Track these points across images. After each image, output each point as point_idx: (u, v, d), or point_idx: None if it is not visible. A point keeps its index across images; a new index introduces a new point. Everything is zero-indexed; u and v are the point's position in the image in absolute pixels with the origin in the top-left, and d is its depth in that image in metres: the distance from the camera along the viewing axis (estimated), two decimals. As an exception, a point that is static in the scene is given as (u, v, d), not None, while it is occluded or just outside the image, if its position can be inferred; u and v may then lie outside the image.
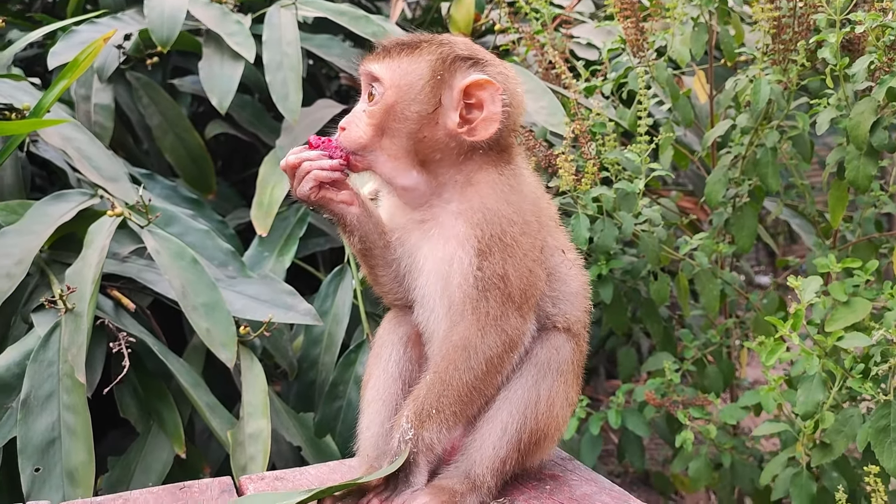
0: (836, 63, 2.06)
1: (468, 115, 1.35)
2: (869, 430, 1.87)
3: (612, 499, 1.41)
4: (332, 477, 1.55)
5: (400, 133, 1.36)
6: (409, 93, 1.35)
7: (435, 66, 1.35)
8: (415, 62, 1.36)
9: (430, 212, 1.39)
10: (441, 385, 1.33)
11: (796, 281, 1.95)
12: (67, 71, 2.28)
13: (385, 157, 1.38)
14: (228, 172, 3.58)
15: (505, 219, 1.34)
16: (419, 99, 1.35)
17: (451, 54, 1.36)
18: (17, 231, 2.08)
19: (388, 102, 1.36)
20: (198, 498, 1.48)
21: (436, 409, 1.33)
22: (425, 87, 1.35)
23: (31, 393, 1.85)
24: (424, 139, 1.36)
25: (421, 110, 1.35)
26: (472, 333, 1.33)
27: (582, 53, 3.25)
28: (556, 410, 1.41)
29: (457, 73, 1.35)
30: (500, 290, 1.33)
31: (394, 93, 1.36)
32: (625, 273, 2.65)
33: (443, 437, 1.35)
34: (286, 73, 2.60)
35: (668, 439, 2.81)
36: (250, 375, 2.08)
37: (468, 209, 1.34)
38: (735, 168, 2.47)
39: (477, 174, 1.37)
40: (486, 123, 1.34)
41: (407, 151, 1.37)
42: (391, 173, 1.39)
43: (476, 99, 1.34)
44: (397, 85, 1.36)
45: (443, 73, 1.35)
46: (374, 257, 1.48)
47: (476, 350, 1.33)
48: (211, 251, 2.28)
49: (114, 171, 2.41)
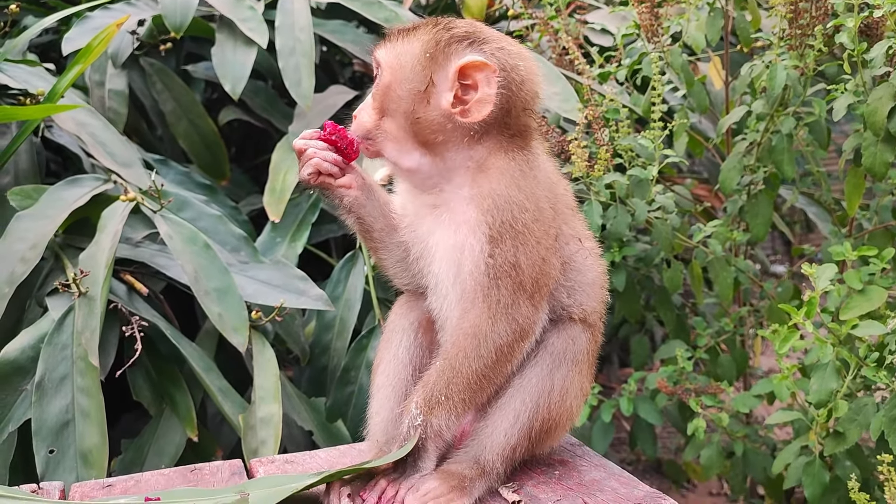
0: (854, 48, 2.03)
1: (464, 96, 1.35)
2: (883, 418, 1.86)
3: (621, 484, 1.41)
4: (342, 461, 1.55)
5: (397, 114, 1.37)
6: (401, 72, 1.37)
7: (427, 45, 1.36)
8: (409, 43, 1.38)
9: (442, 197, 1.39)
10: (451, 372, 1.33)
11: (811, 268, 1.93)
12: (81, 56, 2.29)
13: (388, 139, 1.39)
14: (241, 159, 3.59)
15: (516, 205, 1.33)
16: (410, 77, 1.36)
17: (446, 35, 1.36)
18: (31, 215, 2.10)
19: (385, 82, 1.38)
20: (209, 480, 1.49)
21: (445, 395, 1.33)
22: (416, 66, 1.36)
23: (45, 375, 1.87)
24: (419, 120, 1.36)
25: (412, 88, 1.36)
26: (482, 321, 1.33)
27: (596, 39, 3.23)
28: (569, 400, 1.41)
29: (452, 53, 1.35)
30: (511, 278, 1.32)
31: (389, 73, 1.38)
32: (638, 260, 2.64)
33: (451, 423, 1.35)
34: (299, 58, 2.60)
35: (680, 427, 2.81)
36: (262, 360, 2.09)
37: (478, 195, 1.34)
38: (750, 155, 2.45)
39: (489, 159, 1.36)
40: (480, 105, 1.33)
41: (406, 132, 1.37)
42: (395, 156, 1.40)
43: (472, 80, 1.34)
44: (391, 65, 1.38)
45: (434, 53, 1.35)
46: (373, 240, 1.50)
47: (486, 338, 1.33)
48: (223, 236, 2.29)
49: (127, 156, 2.41)
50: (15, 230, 2.06)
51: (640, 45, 2.74)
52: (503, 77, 1.34)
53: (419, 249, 1.43)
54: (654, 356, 2.74)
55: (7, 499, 1.31)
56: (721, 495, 3.72)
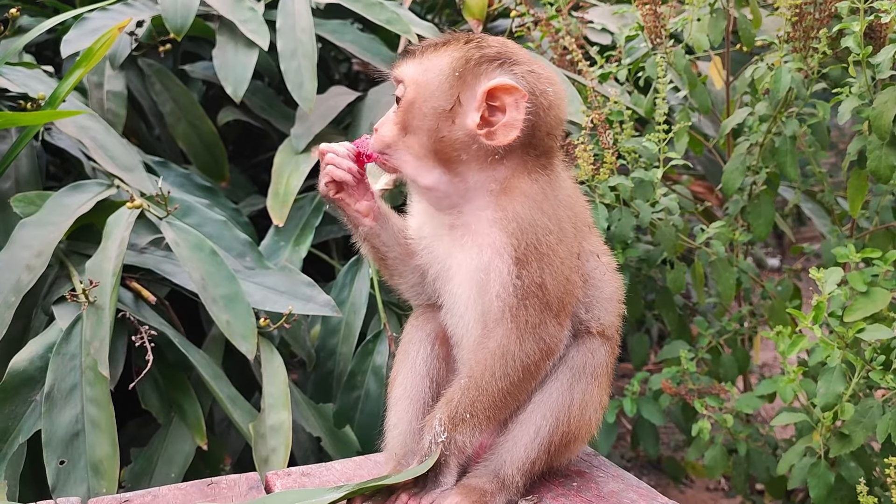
0: (860, 52, 2.04)
1: (490, 118, 1.33)
2: (890, 421, 1.87)
3: (640, 496, 1.42)
4: (358, 473, 1.56)
5: (420, 130, 1.36)
6: (427, 88, 1.35)
7: (456, 63, 1.34)
8: (437, 59, 1.36)
9: (462, 218, 1.38)
10: (476, 390, 1.34)
11: (818, 273, 1.94)
12: (83, 60, 2.27)
13: (408, 155, 1.38)
14: (238, 158, 3.57)
15: (541, 228, 1.32)
16: (436, 95, 1.34)
17: (477, 54, 1.34)
18: (36, 223, 2.08)
19: (409, 99, 1.36)
20: (226, 494, 1.49)
21: (470, 413, 1.33)
22: (443, 83, 1.34)
23: (54, 386, 1.86)
24: (444, 138, 1.34)
25: (437, 107, 1.34)
26: (510, 341, 1.33)
27: (595, 38, 3.22)
28: (588, 414, 1.41)
29: (482, 74, 1.33)
30: (538, 298, 1.32)
31: (413, 89, 1.36)
32: (640, 261, 2.64)
33: (475, 440, 1.36)
34: (301, 60, 2.58)
35: (681, 426, 2.82)
36: (270, 368, 2.08)
37: (503, 218, 1.33)
38: (751, 156, 2.46)
39: (511, 181, 1.35)
40: (507, 129, 1.32)
41: (428, 150, 1.36)
42: (414, 172, 1.38)
43: (500, 102, 1.32)
44: (416, 81, 1.36)
45: (463, 72, 1.33)
46: (388, 267, 1.51)
47: (514, 357, 1.33)
48: (228, 242, 2.28)
49: (129, 160, 2.40)
50: (20, 238, 2.05)
51: (641, 45, 2.74)
52: (532, 102, 1.33)
53: (437, 270, 1.43)
54: (658, 357, 2.74)
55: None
56: (718, 490, 3.74)
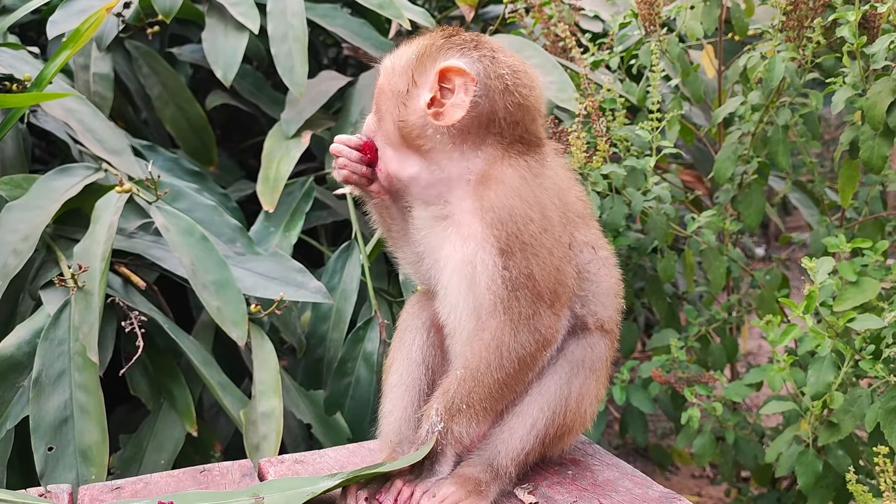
0: (855, 42, 2.04)
1: (442, 99, 1.34)
2: (879, 410, 1.88)
3: (635, 484, 1.42)
4: (351, 460, 1.55)
5: (387, 115, 1.40)
6: (392, 74, 1.40)
7: (419, 49, 1.38)
8: (406, 48, 1.41)
9: (447, 208, 1.37)
10: (472, 382, 1.33)
11: (810, 262, 1.95)
12: (70, 41, 2.23)
13: (386, 145, 1.42)
14: (226, 142, 3.53)
15: (520, 217, 1.31)
16: (396, 79, 1.38)
17: (440, 41, 1.38)
18: (22, 206, 2.05)
19: (379, 85, 1.42)
20: (219, 481, 1.48)
21: (466, 404, 1.33)
22: (405, 67, 1.38)
23: (42, 372, 1.84)
24: (403, 123, 1.37)
25: (397, 90, 1.38)
26: (504, 333, 1.32)
27: (586, 25, 3.21)
28: (584, 407, 1.41)
29: (438, 57, 1.36)
30: (528, 289, 1.31)
31: (382, 75, 1.42)
32: (630, 249, 2.64)
33: (472, 430, 1.36)
34: (291, 44, 2.55)
35: (669, 413, 2.83)
36: (261, 354, 2.07)
37: (481, 208, 1.32)
38: (742, 145, 2.46)
39: (489, 170, 1.34)
40: (453, 109, 1.33)
41: (397, 137, 1.39)
42: (397, 165, 1.41)
43: (451, 84, 1.34)
44: (385, 67, 1.42)
45: (423, 56, 1.37)
46: (392, 238, 1.53)
47: (509, 349, 1.32)
48: (218, 227, 2.26)
49: (117, 144, 2.37)
50: (6, 221, 2.01)
51: (633, 33, 2.73)
52: (483, 85, 1.33)
53: (430, 260, 1.42)
54: (647, 345, 2.75)
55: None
56: (703, 478, 3.78)
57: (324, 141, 2.85)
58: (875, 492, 1.89)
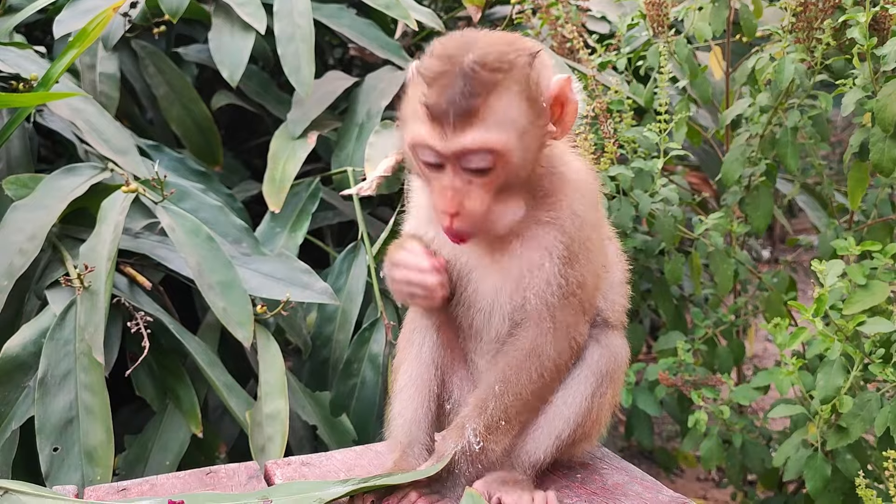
0: (865, 43, 2.02)
1: (555, 115, 1.24)
2: (889, 414, 1.87)
3: (645, 489, 1.41)
4: (359, 463, 1.54)
5: (519, 176, 1.22)
6: (516, 134, 1.18)
7: (525, 88, 1.18)
8: (498, 105, 1.16)
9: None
10: (511, 395, 1.31)
11: (820, 265, 1.94)
12: (76, 41, 2.22)
13: (501, 213, 1.25)
14: (231, 142, 3.53)
15: (589, 224, 1.30)
16: (525, 135, 1.19)
17: (524, 68, 1.19)
18: (29, 206, 2.04)
19: (504, 160, 1.19)
20: (225, 483, 1.47)
21: (504, 419, 1.31)
22: (523, 101, 1.18)
23: (48, 372, 1.83)
24: (535, 163, 1.24)
25: (532, 143, 1.21)
26: (545, 341, 1.31)
27: (593, 27, 3.20)
28: (602, 415, 1.42)
29: (539, 80, 1.20)
30: (577, 297, 1.30)
31: (500, 146, 1.17)
32: (637, 251, 2.63)
33: (505, 445, 1.34)
34: (298, 44, 2.55)
35: (676, 416, 2.82)
36: (267, 355, 2.06)
37: (557, 217, 1.28)
38: (750, 147, 2.45)
39: (565, 171, 1.30)
40: (572, 116, 1.25)
41: (521, 189, 1.25)
42: (504, 226, 1.27)
43: (560, 96, 1.23)
44: (502, 140, 1.17)
45: (531, 91, 1.19)
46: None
47: (548, 358, 1.31)
48: (224, 227, 2.25)
49: (123, 143, 2.36)
50: (12, 221, 2.01)
51: (641, 34, 2.72)
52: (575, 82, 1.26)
53: (462, 263, 1.37)
54: (655, 347, 2.74)
55: (38, 497, 1.28)
56: (708, 481, 3.76)
57: (329, 141, 2.85)
58: (884, 496, 1.87)
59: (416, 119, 1.20)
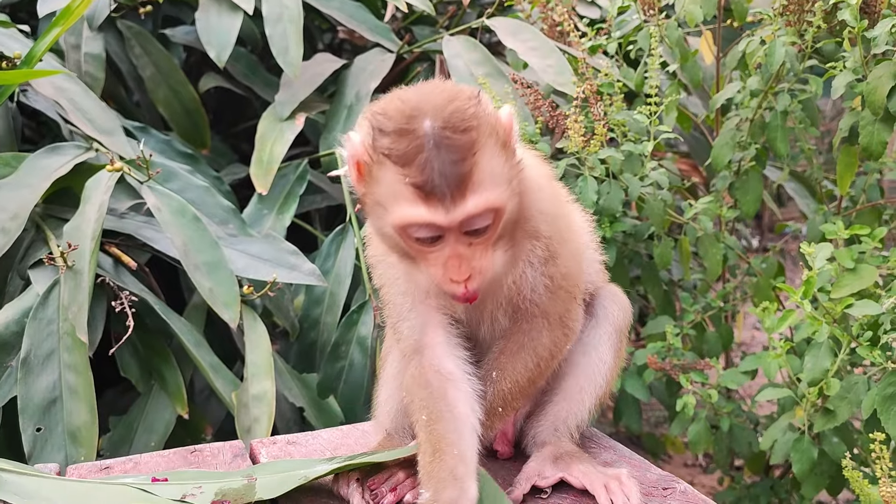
0: (856, 25, 2.02)
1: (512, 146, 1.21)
2: (876, 397, 1.87)
3: (633, 467, 1.40)
4: (345, 442, 1.53)
5: (513, 220, 1.21)
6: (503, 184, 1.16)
7: (493, 135, 1.15)
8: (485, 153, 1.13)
9: None
10: (509, 383, 1.32)
11: (809, 247, 1.93)
12: (60, 18, 2.19)
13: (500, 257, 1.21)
14: (219, 125, 3.50)
15: (558, 216, 1.31)
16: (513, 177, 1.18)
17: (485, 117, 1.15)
18: (11, 185, 2.02)
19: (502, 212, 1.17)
20: (210, 462, 1.46)
21: (502, 406, 1.33)
22: (499, 164, 1.15)
23: (31, 352, 1.81)
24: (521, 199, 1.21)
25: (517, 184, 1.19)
26: (540, 333, 1.33)
27: (583, 11, 3.19)
28: (614, 373, 1.46)
29: (496, 122, 1.17)
30: (564, 288, 1.32)
31: (503, 202, 1.16)
32: (626, 236, 2.63)
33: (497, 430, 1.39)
34: (286, 25, 2.52)
35: (664, 401, 2.82)
36: (254, 336, 2.04)
37: (527, 223, 1.27)
38: (740, 131, 2.44)
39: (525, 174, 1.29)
40: (515, 142, 1.21)
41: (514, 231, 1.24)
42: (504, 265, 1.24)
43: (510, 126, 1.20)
44: (500, 195, 1.15)
45: (498, 135, 1.16)
46: None
47: (544, 347, 1.33)
48: (211, 208, 2.23)
49: (108, 123, 2.33)
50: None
51: (632, 18, 2.71)
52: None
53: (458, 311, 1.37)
54: (643, 332, 2.74)
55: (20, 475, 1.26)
56: (696, 466, 3.77)
57: (317, 124, 2.82)
58: (870, 479, 1.87)
59: (400, 200, 1.13)
